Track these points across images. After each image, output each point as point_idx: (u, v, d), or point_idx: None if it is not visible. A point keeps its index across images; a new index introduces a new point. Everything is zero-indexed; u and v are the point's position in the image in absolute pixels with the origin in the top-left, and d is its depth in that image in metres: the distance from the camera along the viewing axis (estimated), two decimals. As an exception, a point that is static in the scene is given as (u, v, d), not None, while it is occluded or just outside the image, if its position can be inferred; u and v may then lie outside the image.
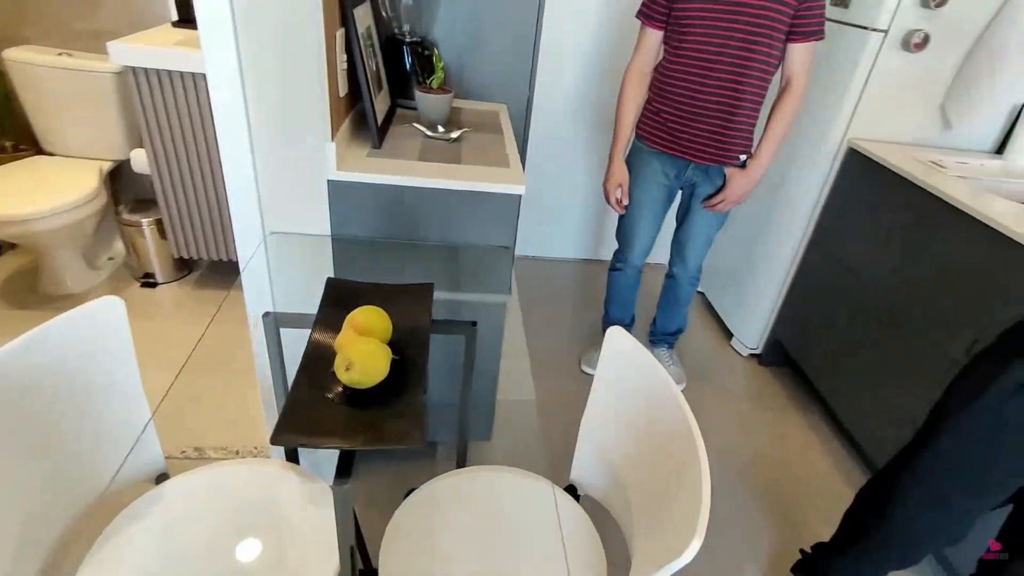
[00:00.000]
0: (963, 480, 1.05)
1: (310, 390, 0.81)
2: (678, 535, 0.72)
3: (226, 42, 1.02)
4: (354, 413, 0.78)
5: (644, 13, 1.62)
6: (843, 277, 1.93)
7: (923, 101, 1.88)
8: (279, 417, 0.73)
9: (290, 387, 0.79)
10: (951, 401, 1.05)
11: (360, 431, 0.75)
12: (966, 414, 1.01)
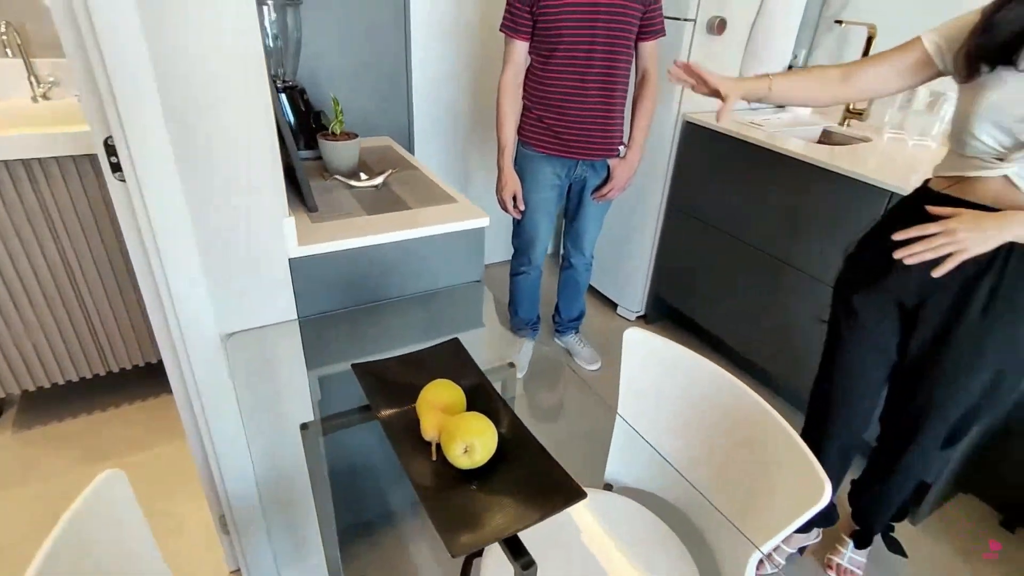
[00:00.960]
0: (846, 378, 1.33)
1: (434, 488, 0.73)
2: (796, 493, 0.82)
3: (148, 112, 0.84)
4: (496, 492, 0.73)
5: (509, 27, 1.68)
6: (699, 226, 2.24)
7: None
8: (438, 525, 0.66)
9: (418, 491, 0.71)
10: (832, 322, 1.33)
11: (527, 505, 0.71)
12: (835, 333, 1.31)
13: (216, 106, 0.88)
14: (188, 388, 1.09)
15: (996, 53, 0.98)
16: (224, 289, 1.01)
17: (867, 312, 1.24)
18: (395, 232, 1.14)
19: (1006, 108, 0.98)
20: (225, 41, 0.84)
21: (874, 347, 1.26)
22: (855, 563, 1.52)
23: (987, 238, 0.96)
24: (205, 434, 1.14)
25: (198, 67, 0.84)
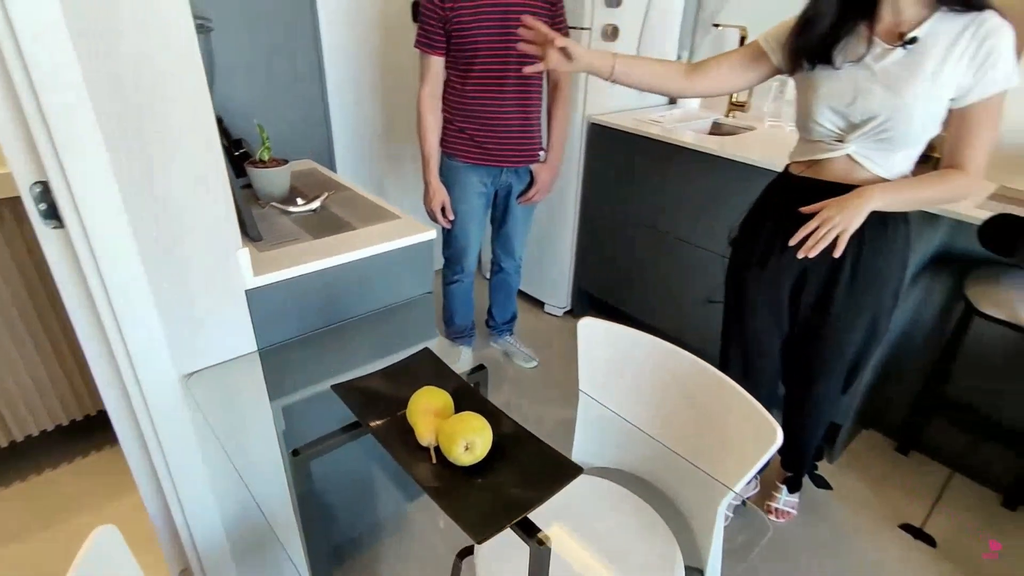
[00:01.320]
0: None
1: (443, 487, 0.77)
2: (751, 439, 0.93)
3: (91, 153, 0.81)
4: (500, 481, 0.78)
5: (425, 43, 1.73)
6: (613, 220, 2.39)
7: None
8: (457, 519, 0.70)
9: (429, 492, 0.75)
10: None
11: (530, 488, 0.76)
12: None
13: (162, 143, 0.86)
14: (145, 437, 1.04)
15: (813, 50, 1.16)
16: (181, 330, 0.99)
17: (757, 290, 1.40)
18: (347, 253, 1.15)
19: (836, 97, 1.16)
20: (169, 75, 0.83)
21: (766, 320, 1.43)
22: (789, 504, 1.71)
23: (856, 214, 1.12)
24: (167, 483, 1.10)
25: (144, 104, 0.83)
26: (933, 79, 1.08)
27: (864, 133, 1.16)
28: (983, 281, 1.61)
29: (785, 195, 1.31)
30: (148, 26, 0.79)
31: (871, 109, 1.13)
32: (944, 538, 1.72)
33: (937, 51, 1.07)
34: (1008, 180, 1.77)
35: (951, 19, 1.07)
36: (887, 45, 1.12)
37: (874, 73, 1.12)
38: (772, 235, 1.34)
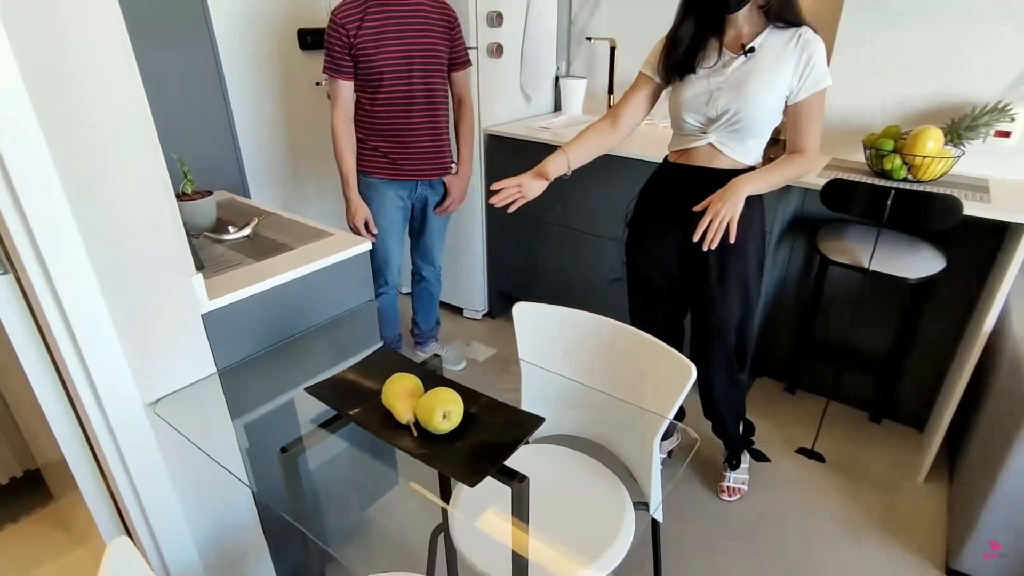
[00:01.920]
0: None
1: (429, 453, 0.88)
2: (671, 378, 1.12)
3: (54, 200, 0.85)
4: (476, 440, 0.91)
5: (332, 69, 1.81)
6: (519, 221, 2.57)
7: (512, 89, 2.61)
8: (450, 471, 0.82)
9: (419, 457, 0.86)
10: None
11: (502, 440, 0.89)
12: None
13: (121, 184, 0.91)
14: (113, 472, 1.05)
15: (680, 65, 1.44)
16: (144, 359, 1.02)
17: (648, 266, 1.64)
18: (292, 271, 1.23)
19: (698, 98, 1.43)
20: (118, 113, 0.89)
21: (658, 292, 1.66)
22: (738, 481, 1.87)
23: (737, 202, 1.36)
24: (137, 516, 1.11)
25: (101, 146, 0.87)
26: (768, 80, 1.35)
27: (720, 125, 1.42)
28: (831, 235, 1.95)
29: (665, 179, 1.56)
30: (97, 74, 0.84)
31: (723, 106, 1.39)
32: (830, 454, 2.04)
33: (769, 58, 1.35)
34: (837, 153, 2.14)
35: (779, 33, 1.35)
36: (732, 55, 1.38)
37: (724, 77, 1.39)
38: (657, 215, 1.57)
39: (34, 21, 0.78)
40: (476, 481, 0.81)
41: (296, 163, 2.73)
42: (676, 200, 1.50)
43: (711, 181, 1.45)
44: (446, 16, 1.89)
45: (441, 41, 1.88)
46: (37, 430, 1.59)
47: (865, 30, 1.98)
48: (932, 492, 1.90)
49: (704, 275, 1.54)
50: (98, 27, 0.83)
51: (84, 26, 0.82)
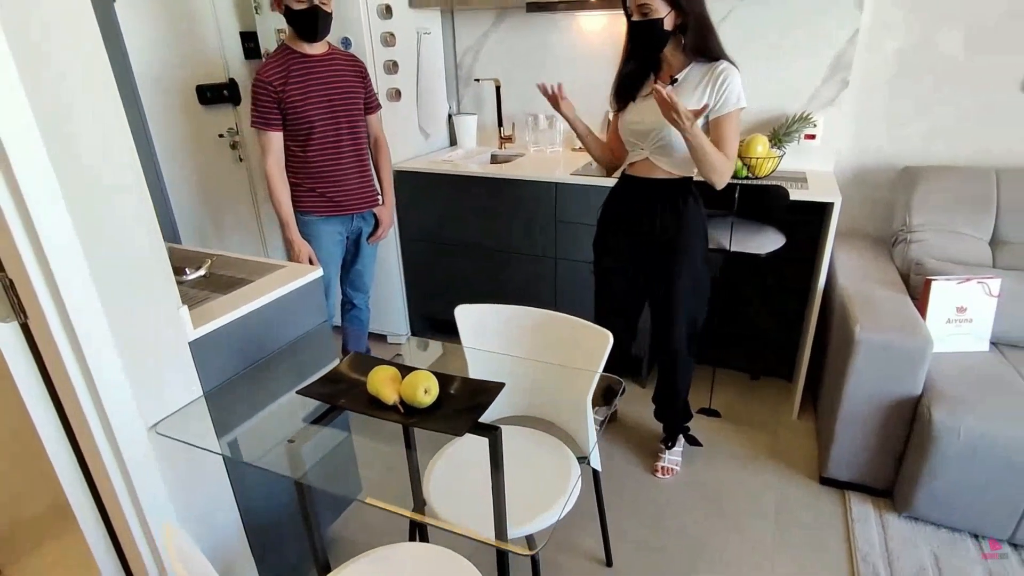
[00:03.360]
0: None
1: (417, 420, 1.09)
2: (594, 346, 1.41)
3: (70, 248, 0.98)
4: (453, 407, 1.12)
5: (262, 123, 1.97)
6: (434, 246, 2.81)
7: (412, 128, 2.86)
8: (440, 428, 1.03)
9: (412, 424, 1.06)
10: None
11: (474, 403, 1.12)
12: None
13: (117, 226, 1.05)
14: (119, 497, 1.15)
15: (627, 95, 1.79)
16: (144, 387, 1.14)
17: (609, 261, 1.97)
18: (259, 299, 1.38)
19: (635, 121, 1.77)
20: (118, 173, 1.03)
21: (617, 285, 1.98)
22: (672, 461, 2.13)
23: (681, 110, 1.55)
24: (140, 539, 1.20)
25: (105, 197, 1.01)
26: (686, 104, 1.60)
27: (651, 142, 1.75)
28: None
29: (618, 189, 1.90)
30: (100, 143, 0.99)
31: (650, 125, 1.72)
32: (723, 409, 2.43)
33: (689, 87, 1.68)
34: (694, 160, 2.59)
35: (700, 66, 1.68)
36: (663, 84, 1.66)
37: (653, 104, 1.64)
38: (615, 219, 1.90)
39: (52, 103, 0.92)
40: (462, 431, 1.03)
41: (213, 210, 2.80)
42: (627, 205, 1.85)
43: (651, 189, 1.79)
44: (358, 67, 2.12)
45: (357, 89, 2.10)
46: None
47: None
48: (803, 426, 2.33)
49: (660, 268, 1.85)
50: (99, 97, 0.98)
51: (89, 100, 0.97)
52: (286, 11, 1.92)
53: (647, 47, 1.69)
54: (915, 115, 2.31)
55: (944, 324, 1.92)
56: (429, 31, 2.85)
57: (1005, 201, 2.10)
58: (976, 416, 1.65)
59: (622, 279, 1.98)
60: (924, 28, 2.20)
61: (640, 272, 1.93)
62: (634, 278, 1.96)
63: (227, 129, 2.85)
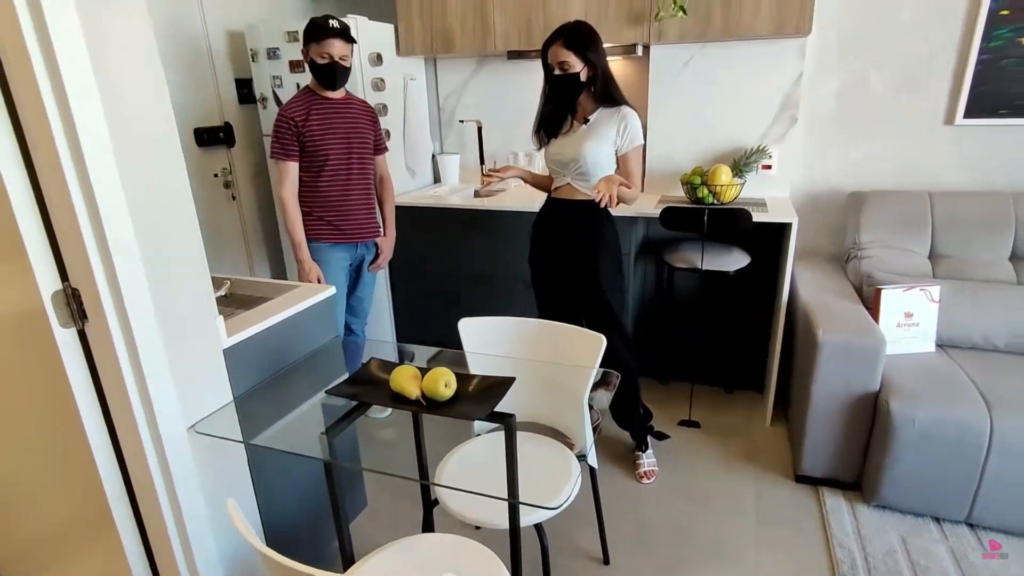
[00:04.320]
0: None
1: (440, 411, 1.21)
2: (588, 347, 1.56)
3: (133, 259, 1.09)
4: (471, 398, 1.25)
5: (282, 154, 2.13)
6: (420, 273, 2.95)
7: (399, 167, 3.03)
8: (460, 415, 1.15)
9: (435, 412, 1.18)
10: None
11: (490, 395, 1.24)
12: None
13: (169, 234, 1.17)
14: (159, 495, 1.23)
15: (549, 133, 2.07)
16: (185, 391, 1.24)
17: (542, 275, 2.20)
18: (282, 312, 1.49)
19: (557, 154, 2.04)
20: (174, 202, 1.16)
21: (551, 295, 2.20)
22: (650, 464, 2.28)
23: (610, 183, 1.85)
24: (175, 537, 1.27)
25: (164, 218, 1.14)
26: (597, 139, 1.97)
27: (571, 170, 2.03)
28: (671, 250, 2.56)
29: (546, 210, 2.17)
30: (167, 183, 1.13)
31: (570, 156, 2.01)
32: (703, 421, 2.59)
33: (599, 126, 1.99)
34: (664, 191, 2.82)
35: (607, 110, 2.00)
36: (578, 124, 1.99)
37: (571, 139, 2.01)
38: (544, 235, 2.14)
39: (123, 128, 1.05)
40: (482, 416, 1.16)
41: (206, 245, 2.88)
42: (555, 222, 2.12)
43: (573, 209, 2.06)
44: (370, 113, 2.33)
45: (368, 131, 2.29)
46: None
47: (665, 105, 2.72)
48: (775, 431, 2.50)
49: (583, 275, 2.09)
50: (161, 129, 1.12)
51: (149, 131, 1.11)
52: (311, 63, 2.13)
53: (566, 96, 2.00)
54: (856, 146, 2.60)
55: (895, 328, 2.13)
56: (415, 77, 3.06)
57: (939, 220, 2.37)
58: (928, 405, 1.84)
59: (557, 289, 2.20)
60: (857, 71, 2.50)
61: (570, 281, 2.15)
62: (566, 289, 2.17)
63: (221, 169, 2.97)
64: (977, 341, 2.18)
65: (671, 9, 2.35)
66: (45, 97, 0.96)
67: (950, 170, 2.50)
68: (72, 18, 0.96)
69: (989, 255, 2.30)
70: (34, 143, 1.01)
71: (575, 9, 2.54)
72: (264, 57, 2.77)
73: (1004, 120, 2.36)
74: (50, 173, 1.01)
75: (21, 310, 1.19)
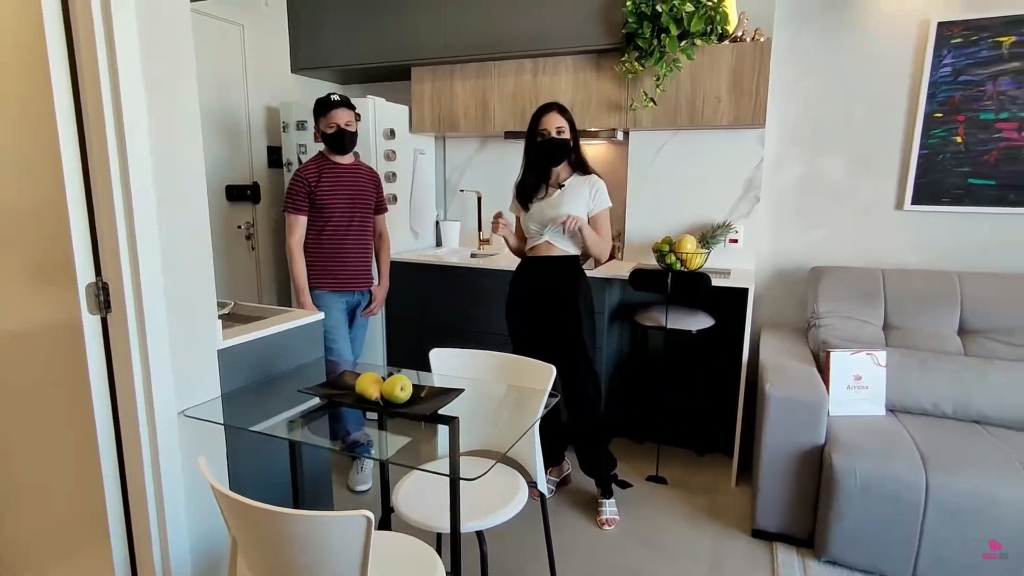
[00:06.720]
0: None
1: (396, 411, 1.40)
2: (540, 375, 1.74)
3: (153, 256, 1.35)
4: (424, 402, 1.44)
5: (293, 209, 2.43)
6: (415, 329, 3.17)
7: (404, 228, 3.34)
8: (417, 418, 1.34)
9: (391, 413, 1.37)
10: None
11: (440, 399, 1.43)
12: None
13: (183, 238, 1.43)
14: (145, 471, 1.41)
15: (526, 200, 2.33)
16: (181, 381, 1.45)
17: (519, 326, 2.40)
18: (272, 327, 1.72)
19: (536, 217, 2.29)
20: (191, 211, 1.43)
21: (527, 345, 2.36)
22: (612, 512, 2.39)
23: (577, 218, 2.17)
24: (153, 514, 1.44)
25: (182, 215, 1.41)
26: (571, 201, 2.24)
27: (549, 229, 2.26)
28: (642, 312, 2.77)
29: (523, 268, 2.39)
30: (189, 194, 1.41)
31: (550, 216, 2.24)
32: (671, 479, 2.68)
33: (573, 190, 2.26)
34: (639, 260, 3.07)
35: (578, 177, 2.29)
36: (554, 189, 2.26)
37: (548, 203, 2.27)
38: (521, 292, 2.34)
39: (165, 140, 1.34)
40: (429, 414, 1.35)
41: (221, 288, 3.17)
42: (532, 278, 2.33)
43: (550, 265, 2.30)
44: (374, 177, 2.66)
45: (371, 193, 2.61)
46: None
47: (643, 184, 3.02)
48: (742, 491, 2.58)
49: (560, 320, 2.29)
50: (189, 159, 1.42)
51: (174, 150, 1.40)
52: (323, 135, 2.47)
53: (556, 159, 2.28)
54: (816, 226, 2.84)
55: (845, 390, 2.27)
56: (424, 152, 3.44)
57: (890, 294, 2.55)
58: (868, 459, 1.96)
59: (534, 339, 2.37)
60: (813, 158, 2.80)
61: (547, 329, 2.33)
62: (543, 338, 2.35)
63: (245, 223, 3.32)
64: (927, 407, 2.30)
65: (643, 100, 2.70)
66: (110, 141, 1.26)
67: (902, 250, 2.72)
68: (140, 92, 1.29)
69: (938, 328, 2.46)
70: (94, 165, 1.30)
71: (563, 98, 2.91)
72: (293, 128, 3.18)
73: (946, 207, 2.60)
74: (103, 193, 1.29)
75: (58, 300, 1.44)
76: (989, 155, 2.51)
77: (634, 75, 2.71)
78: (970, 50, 2.48)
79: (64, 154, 1.27)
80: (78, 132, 1.29)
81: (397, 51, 3.16)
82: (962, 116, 2.53)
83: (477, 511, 1.55)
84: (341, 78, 3.64)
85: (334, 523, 1.02)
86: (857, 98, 2.70)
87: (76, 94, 1.28)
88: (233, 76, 3.18)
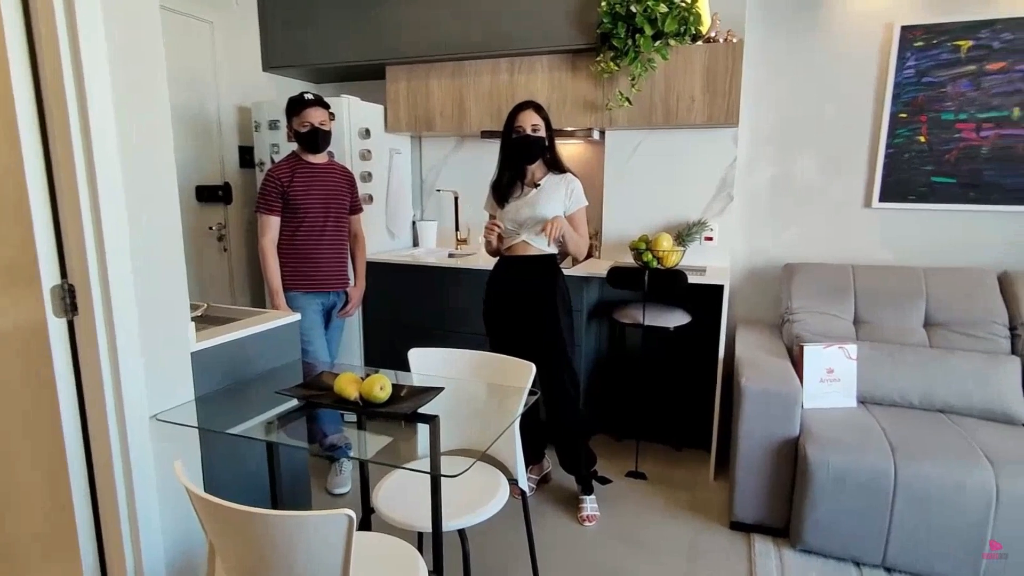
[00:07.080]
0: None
1: (374, 411, 1.38)
2: (519, 373, 1.74)
3: (124, 258, 1.31)
4: (402, 402, 1.43)
5: (266, 209, 2.39)
6: (391, 329, 3.15)
7: (380, 229, 3.31)
8: (396, 416, 1.33)
9: (370, 413, 1.35)
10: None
11: (419, 398, 1.42)
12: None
13: (154, 237, 1.39)
14: (115, 475, 1.37)
15: (502, 198, 2.32)
16: (153, 384, 1.41)
17: (496, 323, 2.40)
18: (246, 329, 1.70)
19: (512, 215, 2.28)
20: (163, 214, 1.40)
21: (505, 341, 2.37)
22: (592, 508, 2.41)
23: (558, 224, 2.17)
24: (124, 519, 1.40)
25: (153, 215, 1.37)
26: (547, 200, 2.24)
27: (525, 228, 2.27)
28: (620, 309, 2.79)
29: (500, 266, 2.39)
30: (160, 195, 1.38)
31: (524, 216, 2.26)
32: (650, 474, 2.71)
33: (549, 190, 2.27)
34: (616, 258, 3.09)
35: (554, 176, 2.29)
36: (529, 188, 2.26)
37: (524, 202, 2.27)
38: (499, 290, 2.34)
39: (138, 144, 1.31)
40: (408, 413, 1.34)
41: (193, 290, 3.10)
42: (510, 278, 2.33)
43: (527, 264, 2.30)
44: (348, 177, 2.62)
45: (345, 193, 2.57)
46: None
47: (619, 182, 3.05)
48: (719, 486, 2.62)
49: (538, 317, 2.29)
50: (160, 162, 1.38)
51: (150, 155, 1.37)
52: (296, 134, 2.43)
53: (531, 157, 2.28)
54: (789, 224, 2.90)
55: (818, 383, 2.32)
56: (400, 151, 3.42)
57: (860, 289, 2.62)
58: (841, 451, 2.00)
59: (512, 337, 2.37)
60: (785, 158, 2.85)
61: (525, 326, 2.34)
62: (520, 336, 2.35)
63: (216, 224, 3.25)
64: (895, 398, 2.36)
65: (619, 100, 2.72)
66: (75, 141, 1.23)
67: (871, 247, 2.79)
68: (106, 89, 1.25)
69: (905, 322, 2.53)
70: (58, 163, 1.26)
71: (539, 98, 2.91)
72: (266, 128, 3.13)
73: (912, 204, 2.68)
74: (68, 194, 1.26)
75: (23, 303, 1.39)
76: (950, 154, 2.59)
77: (609, 75, 2.73)
78: (931, 52, 2.56)
79: (26, 153, 1.24)
80: (41, 130, 1.25)
81: (372, 50, 3.14)
82: (925, 116, 2.60)
83: (458, 509, 1.54)
84: (314, 77, 3.60)
85: (315, 523, 1.01)
86: (826, 98, 2.76)
87: (37, 86, 1.24)
88: (203, 74, 3.11)
